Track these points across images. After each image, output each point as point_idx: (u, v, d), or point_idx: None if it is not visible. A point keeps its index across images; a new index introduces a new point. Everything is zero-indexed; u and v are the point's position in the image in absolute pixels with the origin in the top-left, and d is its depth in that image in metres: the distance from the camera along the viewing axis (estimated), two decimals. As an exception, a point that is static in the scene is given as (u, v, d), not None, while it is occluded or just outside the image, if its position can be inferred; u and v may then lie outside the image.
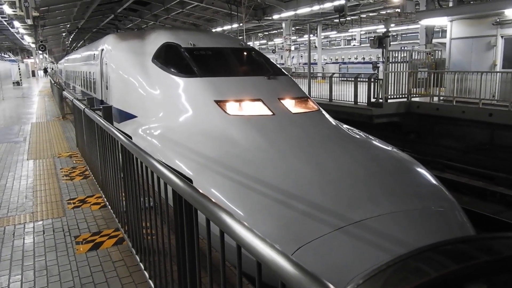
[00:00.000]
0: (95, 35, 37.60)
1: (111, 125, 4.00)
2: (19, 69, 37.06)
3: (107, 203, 4.71)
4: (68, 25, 31.60)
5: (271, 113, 5.97)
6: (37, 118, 13.39)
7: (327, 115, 6.56)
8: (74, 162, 7.18)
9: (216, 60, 7.62)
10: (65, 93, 12.22)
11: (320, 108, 6.72)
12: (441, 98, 13.89)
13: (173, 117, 6.38)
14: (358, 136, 6.09)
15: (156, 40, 8.05)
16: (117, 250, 3.74)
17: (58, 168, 6.76)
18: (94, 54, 11.73)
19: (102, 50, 10.00)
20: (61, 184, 5.85)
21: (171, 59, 7.43)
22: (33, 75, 55.36)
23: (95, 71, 11.15)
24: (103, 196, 4.98)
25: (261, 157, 4.99)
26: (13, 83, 35.87)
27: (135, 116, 7.30)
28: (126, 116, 7.65)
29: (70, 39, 43.68)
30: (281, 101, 6.40)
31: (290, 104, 6.46)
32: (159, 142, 5.97)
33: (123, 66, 8.23)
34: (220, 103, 6.11)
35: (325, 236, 3.63)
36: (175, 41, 7.70)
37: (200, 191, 1.90)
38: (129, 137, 3.39)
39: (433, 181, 5.00)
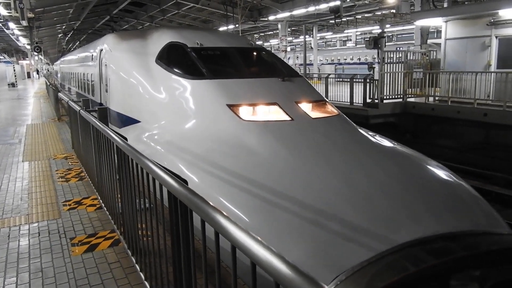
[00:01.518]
0: (90, 36, 37.50)
1: (107, 127, 3.99)
2: (14, 70, 36.89)
3: (103, 205, 4.69)
4: (64, 27, 31.52)
5: (289, 118, 5.51)
6: (32, 120, 13.34)
7: (348, 120, 6.08)
8: (70, 163, 7.16)
9: (225, 60, 7.15)
10: (60, 94, 12.16)
11: (341, 112, 6.24)
12: (437, 98, 13.95)
13: (181, 122, 5.92)
14: (386, 144, 5.55)
15: (160, 39, 7.59)
16: (113, 251, 3.73)
17: (53, 169, 6.74)
18: (92, 55, 11.24)
19: (101, 50, 9.49)
20: (57, 185, 5.83)
21: (176, 59, 6.97)
22: (29, 76, 55.17)
23: (94, 72, 10.69)
24: (99, 197, 4.96)
25: (283, 168, 4.50)
26: (8, 84, 35.71)
27: (138, 121, 6.83)
28: (128, 121, 7.18)
29: (66, 40, 43.55)
30: (298, 104, 5.92)
31: (308, 108, 5.99)
32: (167, 150, 5.48)
33: (124, 67, 7.71)
34: (233, 107, 5.65)
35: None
36: (180, 41, 7.21)
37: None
38: (124, 139, 3.29)
39: (474, 193, 4.47)
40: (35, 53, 28.12)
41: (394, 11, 21.66)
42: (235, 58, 7.16)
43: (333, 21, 22.09)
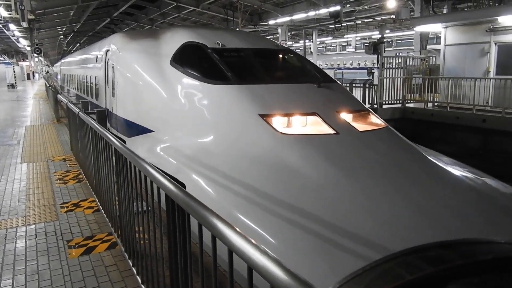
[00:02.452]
0: (91, 38, 37.55)
1: (105, 129, 3.99)
2: (14, 72, 36.90)
3: (101, 207, 4.68)
4: (64, 28, 31.57)
5: (333, 132, 4.77)
6: (31, 121, 13.32)
7: (398, 134, 5.38)
8: (68, 165, 7.15)
9: (251, 63, 6.30)
10: (59, 96, 12.15)
11: (387, 124, 5.55)
12: (436, 104, 13.98)
13: (204, 134, 5.17)
14: (445, 162, 4.92)
15: (174, 39, 6.84)
16: (110, 254, 3.71)
17: (51, 171, 6.72)
18: (97, 56, 10.43)
19: (107, 51, 8.74)
20: (55, 187, 5.82)
21: (195, 61, 6.23)
22: (28, 78, 55.24)
23: (98, 75, 9.92)
24: (97, 200, 4.95)
25: (335, 195, 3.81)
26: (8, 86, 35.71)
27: (150, 130, 6.10)
28: (138, 130, 6.47)
29: (66, 42, 43.61)
30: (340, 114, 5.20)
31: (351, 119, 5.30)
32: (189, 168, 4.72)
33: (134, 70, 6.94)
34: (266, 117, 4.91)
35: None
36: (199, 40, 6.45)
37: (204, 204, 1.79)
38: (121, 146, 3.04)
39: None
40: (35, 55, 28.15)
41: (393, 16, 21.74)
42: (262, 61, 6.45)
43: (333, 26, 22.14)
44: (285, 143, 4.55)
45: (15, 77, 36.62)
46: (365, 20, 30.83)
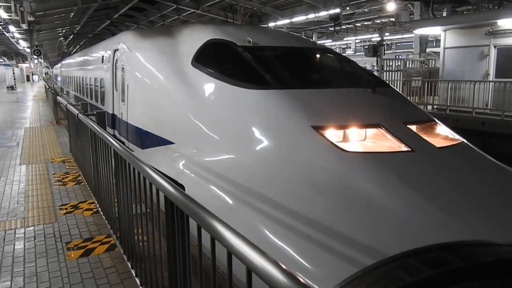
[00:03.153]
0: (91, 40, 37.57)
1: (104, 131, 3.99)
2: (13, 73, 36.93)
3: (100, 209, 4.67)
4: (64, 30, 31.60)
5: (406, 148, 3.84)
6: (30, 123, 13.32)
7: (478, 150, 4.54)
8: (67, 167, 7.13)
9: (292, 64, 5.47)
10: (59, 98, 12.12)
11: (462, 138, 4.68)
12: (435, 106, 13.99)
13: (243, 150, 4.23)
14: None
15: (195, 36, 6.01)
16: (109, 256, 3.70)
17: (50, 173, 6.71)
18: (103, 56, 9.59)
19: (116, 51, 7.98)
20: (54, 189, 5.81)
21: (222, 61, 5.44)
22: (28, 79, 55.28)
23: (104, 77, 9.11)
24: (96, 202, 4.94)
25: (425, 230, 2.97)
26: (7, 87, 35.74)
27: (170, 142, 5.28)
28: (155, 141, 5.69)
29: (66, 44, 43.64)
30: (408, 126, 4.27)
31: (422, 131, 4.36)
32: (231, 196, 3.79)
33: (148, 71, 6.13)
34: (321, 130, 3.96)
35: None
36: (226, 38, 5.61)
37: (194, 199, 1.82)
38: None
39: None
40: (35, 57, 28.17)
41: (393, 19, 21.79)
42: (303, 62, 5.67)
43: (332, 29, 22.17)
44: (352, 164, 3.59)
45: (14, 79, 36.64)
46: (365, 23, 30.87)
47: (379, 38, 32.35)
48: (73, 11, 22.76)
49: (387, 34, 34.49)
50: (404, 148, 3.88)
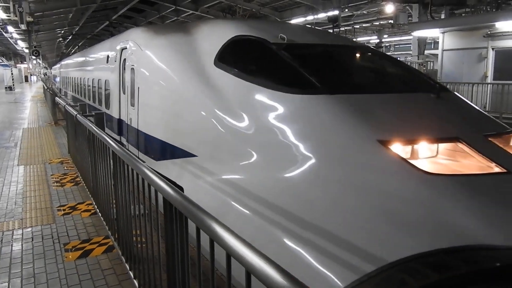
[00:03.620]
0: (89, 41, 37.56)
1: (103, 132, 3.98)
2: (11, 74, 36.87)
3: (98, 210, 4.66)
4: (63, 31, 31.58)
5: (499, 169, 3.03)
6: (29, 124, 13.29)
7: None
8: (65, 168, 7.12)
9: (337, 65, 4.80)
10: (57, 98, 12.10)
11: None
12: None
13: (291, 169, 3.34)
14: None
15: (217, 33, 5.32)
16: (107, 258, 3.69)
17: (49, 174, 6.69)
18: (108, 56, 8.89)
19: (123, 49, 7.30)
20: (52, 190, 5.79)
21: (253, 61, 4.70)
22: (26, 80, 55.22)
23: (110, 78, 8.38)
24: (94, 203, 4.93)
25: None
26: (6, 88, 35.65)
27: (191, 155, 4.54)
28: (171, 152, 5.04)
29: (65, 44, 43.63)
30: (490, 140, 3.44)
31: (509, 146, 3.53)
32: (284, 233, 2.89)
33: (164, 72, 5.41)
34: (391, 145, 3.15)
35: None
36: (254, 34, 4.86)
37: (191, 199, 1.87)
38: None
39: None
40: (33, 57, 28.15)
41: (392, 21, 21.84)
42: (349, 62, 5.03)
43: (331, 31, 22.22)
44: (442, 192, 2.74)
45: (12, 79, 36.58)
46: (363, 25, 30.96)
47: (378, 40, 32.46)
48: (72, 11, 22.77)
49: (385, 36, 34.57)
50: (496, 168, 3.04)
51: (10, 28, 24.24)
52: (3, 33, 28.59)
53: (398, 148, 3.18)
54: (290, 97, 3.83)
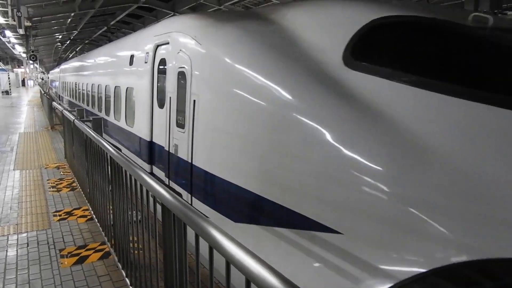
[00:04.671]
0: (87, 46, 37.58)
1: (101, 137, 3.96)
2: (8, 78, 36.82)
3: (94, 216, 4.63)
4: (61, 36, 31.61)
5: None
6: (25, 128, 13.24)
7: None
8: (62, 173, 7.08)
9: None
10: (54, 103, 12.06)
11: None
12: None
13: None
14: None
15: (335, 15, 3.52)
16: (103, 264, 3.66)
17: (45, 179, 6.65)
18: (133, 56, 6.84)
19: (160, 46, 5.45)
20: (48, 195, 5.75)
21: (424, 57, 2.91)
22: (23, 84, 55.18)
23: (135, 85, 6.45)
24: (90, 208, 4.90)
25: None
26: (2, 92, 35.60)
27: (327, 228, 2.54)
28: (272, 216, 3.00)
29: (63, 49, 43.63)
30: None
31: None
32: None
33: (253, 79, 3.39)
34: None
35: None
36: (406, 13, 3.16)
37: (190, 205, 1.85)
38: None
39: None
40: (31, 62, 28.14)
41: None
42: None
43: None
44: None
45: (9, 84, 36.52)
46: None
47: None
48: (70, 17, 22.81)
49: None
50: None
51: (8, 33, 24.25)
52: (1, 37, 28.59)
53: None
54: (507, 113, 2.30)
